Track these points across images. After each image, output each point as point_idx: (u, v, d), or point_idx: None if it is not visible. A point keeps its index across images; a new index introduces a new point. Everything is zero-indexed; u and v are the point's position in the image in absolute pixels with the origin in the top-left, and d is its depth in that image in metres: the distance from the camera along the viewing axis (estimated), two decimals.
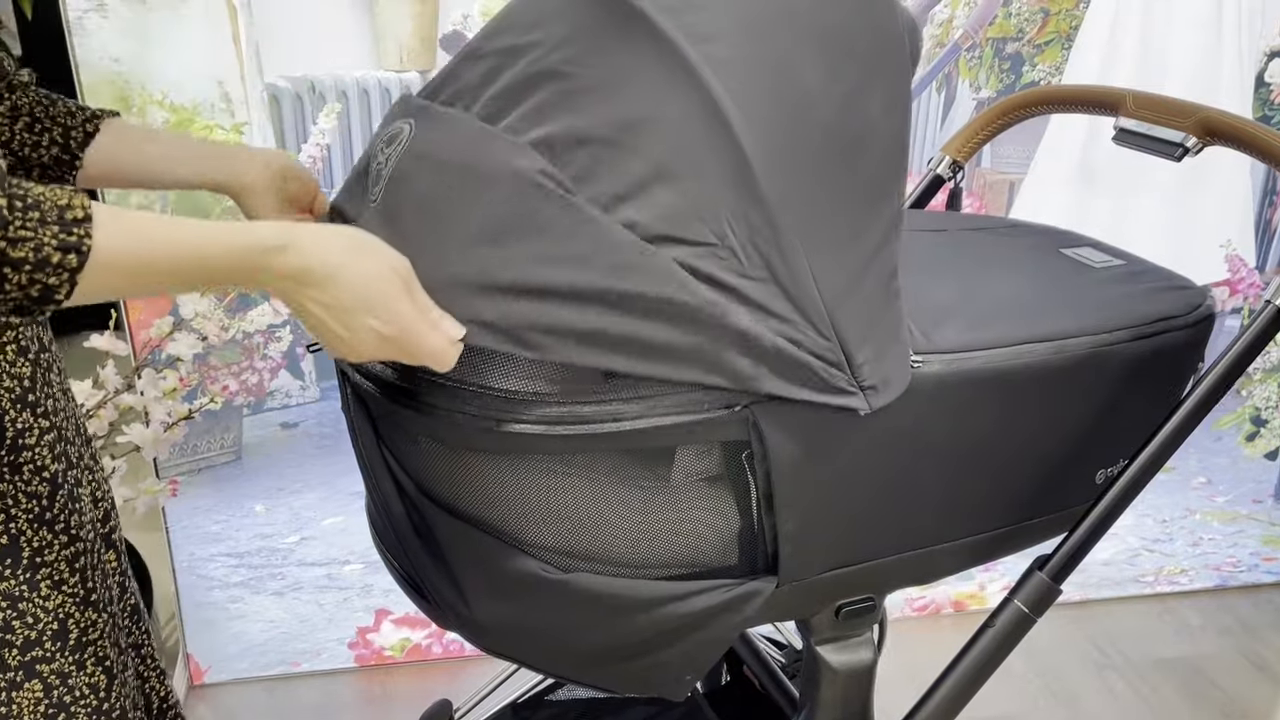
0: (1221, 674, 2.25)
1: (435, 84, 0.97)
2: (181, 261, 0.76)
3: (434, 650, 2.24)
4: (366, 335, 0.80)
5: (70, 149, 1.03)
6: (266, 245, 0.78)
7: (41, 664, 0.90)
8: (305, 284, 0.79)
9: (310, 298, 0.79)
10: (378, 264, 0.80)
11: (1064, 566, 1.08)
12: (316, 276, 0.78)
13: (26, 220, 0.70)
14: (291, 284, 0.79)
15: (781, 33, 0.86)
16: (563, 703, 1.42)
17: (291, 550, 2.12)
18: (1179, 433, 1.08)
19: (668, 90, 0.84)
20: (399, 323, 0.80)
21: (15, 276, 0.70)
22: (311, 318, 0.81)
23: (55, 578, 0.90)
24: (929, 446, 1.00)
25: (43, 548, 0.90)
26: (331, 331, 0.81)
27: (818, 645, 1.09)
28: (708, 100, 0.83)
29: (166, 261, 0.76)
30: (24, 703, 0.89)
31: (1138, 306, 1.12)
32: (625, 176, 0.83)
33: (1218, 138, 1.16)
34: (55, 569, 0.91)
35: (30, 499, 0.89)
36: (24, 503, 0.88)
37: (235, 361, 1.95)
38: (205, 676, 2.18)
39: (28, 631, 0.89)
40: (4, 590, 0.87)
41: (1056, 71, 2.04)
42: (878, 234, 0.91)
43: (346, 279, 0.79)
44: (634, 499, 0.93)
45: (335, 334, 0.81)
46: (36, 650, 0.89)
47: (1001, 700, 2.11)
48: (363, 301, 0.79)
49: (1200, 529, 2.44)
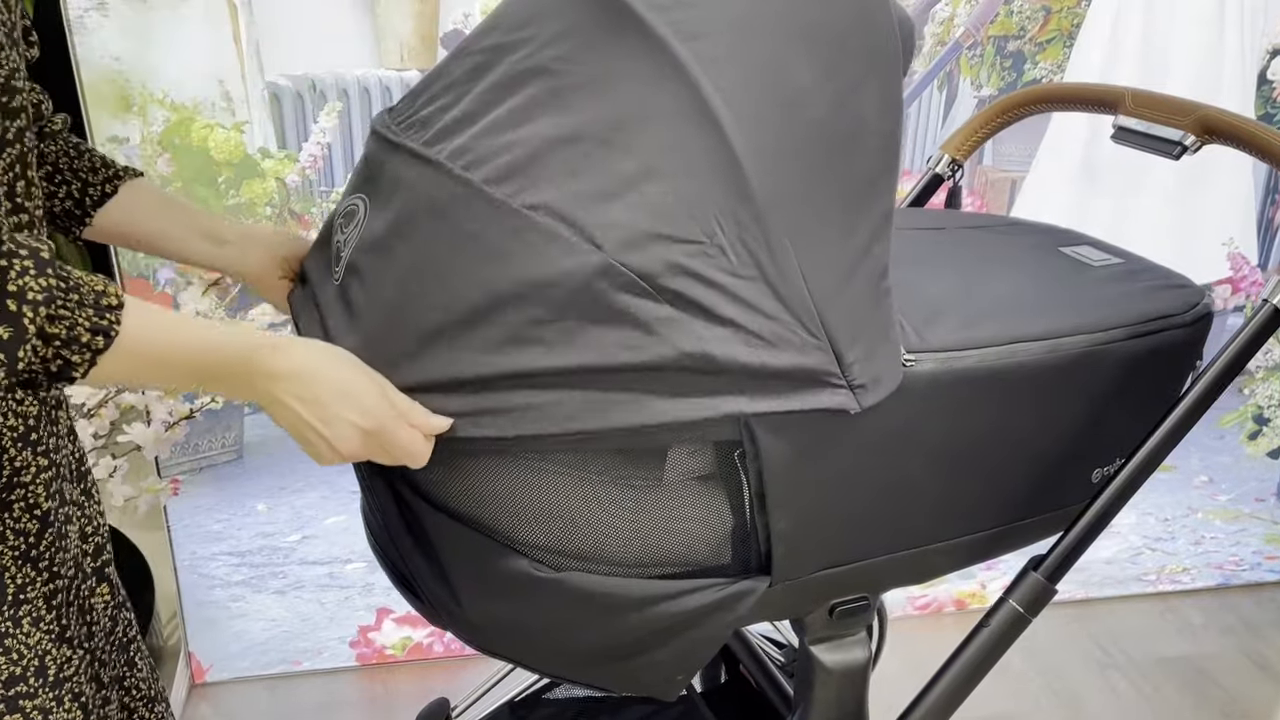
0: (1224, 673, 2.24)
1: (420, 87, 0.97)
2: (191, 355, 0.82)
3: (435, 649, 2.25)
4: (345, 429, 0.84)
5: (84, 205, 1.06)
6: (263, 344, 0.84)
7: (25, 699, 0.90)
8: (290, 379, 0.84)
9: (293, 394, 0.84)
10: (355, 368, 0.86)
11: (1059, 566, 1.08)
12: (301, 373, 0.84)
13: (67, 301, 0.74)
14: (279, 382, 0.84)
15: (772, 30, 0.86)
16: (560, 701, 1.42)
17: (293, 549, 2.13)
18: (1176, 432, 1.08)
19: (657, 88, 0.84)
20: (375, 417, 0.84)
21: (44, 350, 0.75)
22: (292, 414, 0.85)
23: (34, 615, 0.91)
24: (922, 445, 1.00)
25: (25, 584, 0.91)
26: (312, 429, 0.85)
27: (812, 644, 1.09)
28: (697, 98, 0.83)
29: (179, 353, 0.81)
30: None
31: (1135, 305, 1.11)
32: (614, 175, 0.83)
33: (1216, 136, 1.15)
34: (35, 606, 0.91)
35: (18, 536, 0.90)
36: (11, 539, 0.89)
37: None
38: (207, 675, 2.18)
39: (12, 668, 0.89)
40: None
41: (1058, 69, 2.03)
42: (868, 233, 0.90)
43: (326, 374, 0.84)
44: (626, 498, 0.93)
45: (316, 431, 0.85)
46: (21, 686, 0.90)
47: (1003, 699, 2.11)
48: (341, 395, 0.84)
49: (1202, 528, 2.44)
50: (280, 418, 0.86)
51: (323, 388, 0.84)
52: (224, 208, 1.84)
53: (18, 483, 0.89)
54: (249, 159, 1.83)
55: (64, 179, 1.05)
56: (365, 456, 0.87)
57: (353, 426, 0.84)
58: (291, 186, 1.85)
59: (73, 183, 1.05)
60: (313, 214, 1.88)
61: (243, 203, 1.84)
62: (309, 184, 1.86)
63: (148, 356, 0.80)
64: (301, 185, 1.86)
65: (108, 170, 1.06)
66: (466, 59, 0.93)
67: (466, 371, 0.85)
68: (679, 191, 0.83)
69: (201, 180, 1.82)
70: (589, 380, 0.84)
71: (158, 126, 1.77)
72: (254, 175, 1.83)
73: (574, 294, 0.83)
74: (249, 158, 1.82)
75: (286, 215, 1.87)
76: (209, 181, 1.82)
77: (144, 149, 1.78)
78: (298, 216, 1.87)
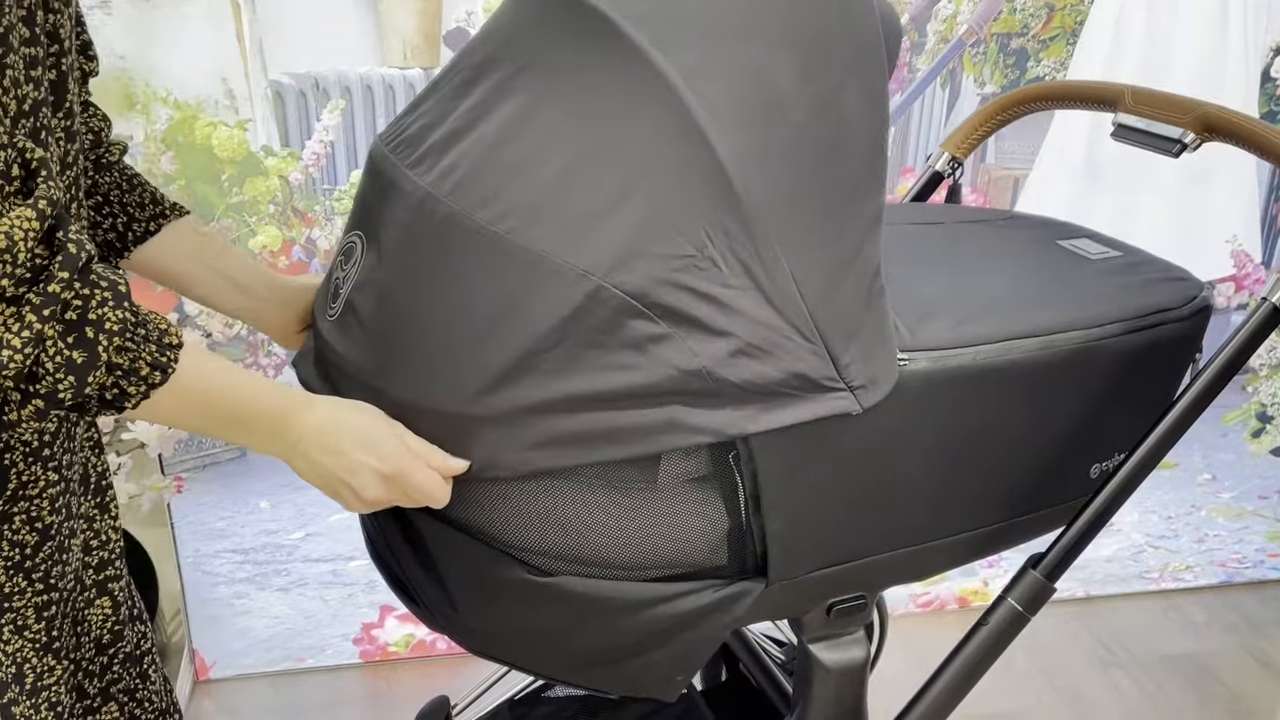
0: (1227, 671, 2.24)
1: (415, 102, 0.97)
2: (234, 401, 0.86)
3: (439, 646, 2.25)
4: (367, 475, 0.87)
5: (125, 240, 1.08)
6: (299, 401, 0.89)
7: (14, 706, 0.91)
8: (315, 433, 0.87)
9: (318, 446, 0.87)
10: (372, 416, 0.89)
11: (1058, 564, 1.07)
12: (323, 426, 0.88)
13: (135, 334, 0.79)
14: (307, 436, 0.87)
15: (752, 37, 0.85)
16: (560, 699, 1.42)
17: (296, 546, 2.13)
18: (1175, 428, 1.07)
19: (639, 101, 0.83)
20: (394, 462, 0.87)
21: (105, 379, 0.78)
22: (318, 467, 0.88)
23: (19, 623, 0.92)
24: (918, 444, 1.00)
25: (13, 594, 0.91)
26: (337, 479, 0.88)
27: (810, 643, 1.09)
28: (680, 110, 0.82)
29: (223, 397, 0.85)
30: None
31: (1132, 298, 1.11)
32: (600, 192, 0.83)
33: (1216, 134, 1.15)
34: (21, 614, 0.92)
35: (14, 547, 0.91)
36: (5, 550, 0.90)
37: (240, 358, 1.96)
38: (211, 672, 2.19)
39: None
40: None
41: (1061, 67, 2.03)
42: (858, 233, 0.90)
43: (347, 425, 0.88)
44: (621, 500, 0.93)
45: (340, 480, 0.88)
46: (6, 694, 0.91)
47: (1005, 697, 2.11)
48: (361, 444, 0.87)
49: (1206, 525, 2.44)
50: (307, 471, 0.89)
51: (344, 438, 0.87)
52: (227, 205, 1.84)
53: (23, 495, 0.90)
54: (252, 157, 1.83)
55: (111, 211, 1.07)
56: (390, 502, 0.90)
57: (373, 472, 0.87)
58: (294, 184, 1.86)
59: (119, 216, 1.07)
60: (315, 211, 1.88)
61: (245, 200, 1.85)
62: (312, 182, 1.87)
63: (194, 398, 0.83)
64: (305, 183, 1.86)
65: (155, 208, 1.08)
66: (456, 75, 0.93)
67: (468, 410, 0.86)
68: (666, 206, 0.83)
69: (204, 178, 1.82)
70: (592, 405, 0.85)
71: (161, 124, 1.78)
72: (257, 173, 1.84)
73: (566, 322, 0.83)
74: (252, 155, 1.83)
75: (289, 213, 1.87)
76: (212, 179, 1.83)
77: (147, 147, 1.79)
78: (301, 214, 1.88)
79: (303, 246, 1.90)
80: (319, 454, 0.88)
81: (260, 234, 1.87)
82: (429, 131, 0.91)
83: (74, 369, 0.75)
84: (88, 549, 1.02)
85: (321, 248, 1.90)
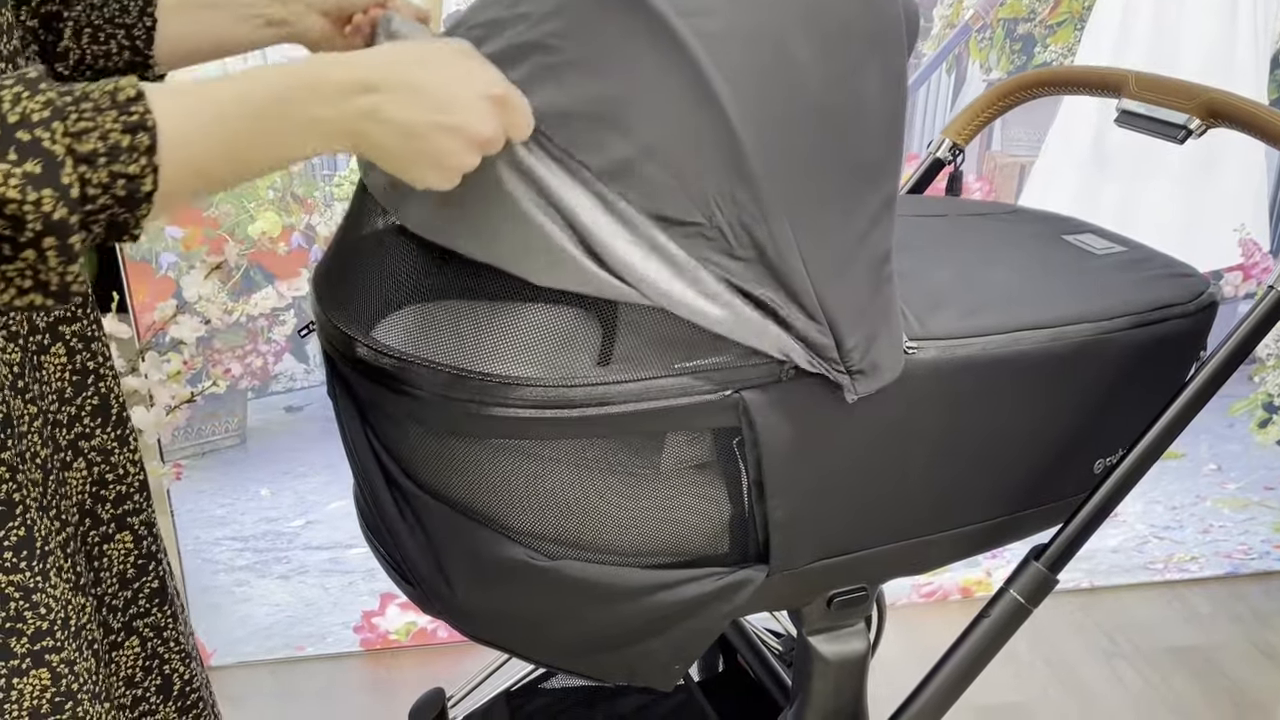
0: (1232, 662, 2.23)
1: None
2: (250, 101, 0.70)
3: (439, 634, 2.25)
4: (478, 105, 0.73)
5: (139, 49, 1.01)
6: (329, 60, 0.73)
7: (51, 653, 0.89)
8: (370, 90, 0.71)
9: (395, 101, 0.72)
10: (439, 46, 0.75)
11: (1061, 556, 1.07)
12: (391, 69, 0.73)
13: (81, 111, 0.65)
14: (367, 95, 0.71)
15: (773, 7, 0.84)
16: (557, 691, 1.42)
17: (297, 534, 2.13)
18: (1179, 420, 1.07)
19: (656, 65, 0.82)
20: (500, 84, 0.75)
21: (94, 175, 0.65)
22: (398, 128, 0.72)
23: (58, 565, 0.90)
24: (923, 435, 0.99)
25: (48, 536, 0.89)
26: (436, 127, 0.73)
27: (809, 635, 1.08)
28: (697, 75, 0.81)
29: (235, 106, 0.69)
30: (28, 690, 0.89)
31: (1138, 293, 1.10)
32: (612, 154, 0.82)
33: (1222, 120, 1.14)
34: (56, 557, 0.90)
35: (34, 486, 0.88)
36: (31, 491, 0.87)
37: (239, 345, 1.95)
38: (211, 660, 2.19)
39: (39, 622, 0.88)
40: (18, 582, 0.87)
41: (1069, 53, 2.01)
42: (869, 217, 0.89)
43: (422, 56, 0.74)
44: (623, 486, 0.92)
45: (440, 126, 0.73)
46: (48, 640, 0.88)
47: (1009, 688, 2.10)
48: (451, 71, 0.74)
49: (1211, 516, 2.42)
50: (383, 139, 0.72)
51: (428, 73, 0.72)
52: (225, 191, 1.83)
53: (19, 432, 0.86)
54: None
55: (107, 34, 1.00)
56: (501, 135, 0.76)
57: (483, 99, 0.73)
58: (294, 170, 1.84)
59: (116, 33, 1.01)
60: (315, 197, 1.87)
61: (244, 186, 1.84)
62: (311, 167, 1.85)
63: (208, 132, 0.69)
64: (304, 169, 1.85)
65: (136, 5, 1.01)
66: (467, 33, 0.92)
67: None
68: (677, 172, 0.82)
69: None
70: None
71: None
72: None
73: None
74: None
75: (289, 199, 1.86)
76: None
77: None
78: (300, 200, 1.87)
79: (302, 233, 1.89)
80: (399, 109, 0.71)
81: (259, 220, 1.86)
82: None
83: (37, 180, 0.63)
84: (103, 482, 1.00)
85: (321, 234, 1.89)
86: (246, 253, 1.88)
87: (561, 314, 0.92)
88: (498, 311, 0.91)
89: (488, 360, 0.86)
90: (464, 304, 0.95)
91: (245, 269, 1.89)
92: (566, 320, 0.93)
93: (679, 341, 0.86)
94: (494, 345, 0.87)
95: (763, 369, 0.88)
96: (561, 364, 0.89)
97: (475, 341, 0.87)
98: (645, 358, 0.86)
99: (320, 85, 0.71)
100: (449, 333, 0.90)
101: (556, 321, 0.91)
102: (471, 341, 0.87)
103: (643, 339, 0.87)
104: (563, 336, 0.91)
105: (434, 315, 0.94)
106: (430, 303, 0.96)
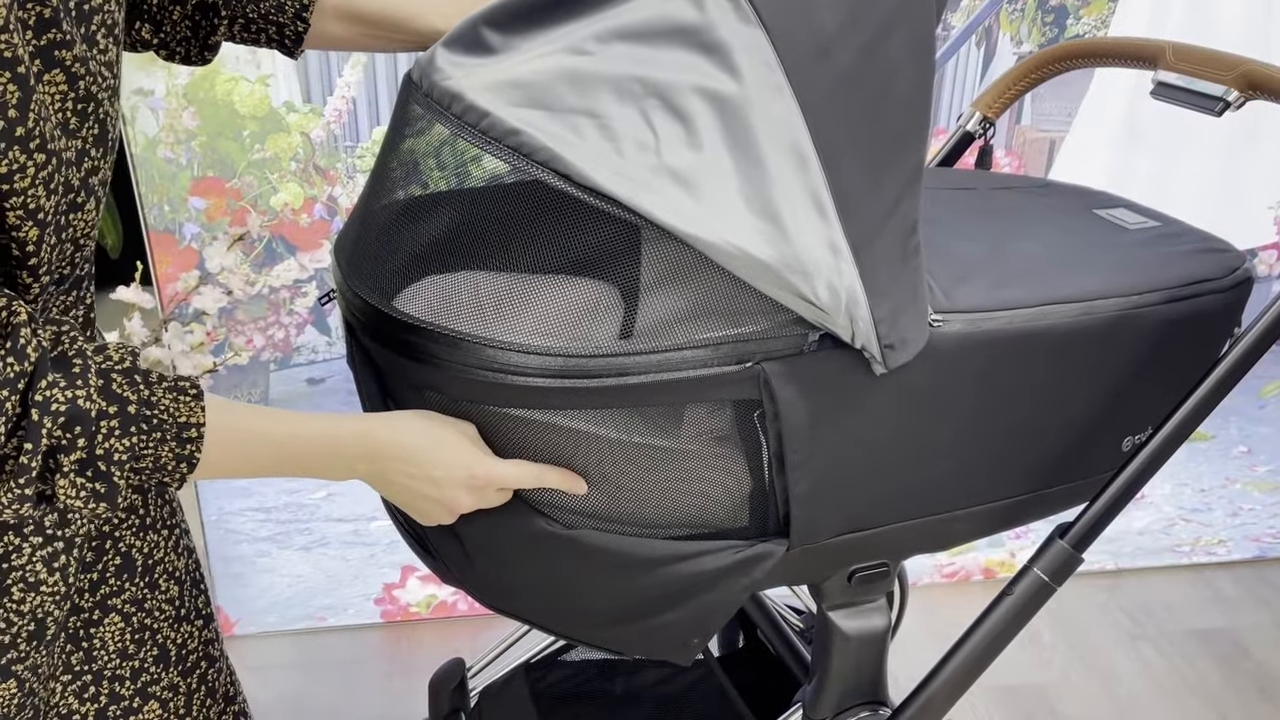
0: (1257, 645, 2.21)
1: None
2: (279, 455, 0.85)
3: (460, 607, 2.25)
4: (454, 491, 0.88)
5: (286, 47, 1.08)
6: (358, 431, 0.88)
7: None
8: (390, 459, 0.88)
9: (396, 470, 0.88)
10: (448, 428, 0.88)
11: (1086, 535, 1.05)
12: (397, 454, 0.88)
13: (149, 442, 0.78)
14: (379, 463, 0.88)
15: None
16: (575, 664, 1.42)
17: (318, 506, 2.13)
18: (1211, 398, 1.05)
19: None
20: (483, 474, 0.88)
21: (137, 481, 0.79)
22: (395, 488, 0.89)
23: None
24: (947, 409, 0.97)
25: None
26: (424, 498, 0.89)
27: (829, 611, 1.07)
28: None
29: (266, 450, 0.85)
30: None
31: (1171, 268, 1.08)
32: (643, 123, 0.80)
33: (1261, 91, 1.11)
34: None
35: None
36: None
37: (261, 316, 1.95)
38: (234, 629, 2.20)
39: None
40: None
41: (1102, 25, 1.98)
42: (897, 187, 0.87)
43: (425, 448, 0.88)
44: (643, 457, 0.91)
45: (428, 498, 0.89)
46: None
47: (1032, 669, 2.08)
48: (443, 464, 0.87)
49: (1240, 499, 2.39)
50: (387, 489, 0.90)
51: (425, 459, 0.87)
52: (248, 162, 1.83)
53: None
54: (274, 113, 1.81)
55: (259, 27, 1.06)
56: (477, 505, 0.90)
57: (463, 487, 0.88)
58: (316, 141, 1.84)
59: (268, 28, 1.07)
60: (337, 169, 1.86)
61: (267, 157, 1.83)
62: (334, 139, 1.85)
63: (237, 463, 0.84)
64: (326, 140, 1.84)
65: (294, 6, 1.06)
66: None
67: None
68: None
69: (226, 134, 1.81)
70: None
71: (182, 79, 1.76)
72: (279, 129, 1.82)
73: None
74: (274, 111, 1.81)
75: (311, 170, 1.85)
76: (233, 135, 1.81)
77: (169, 102, 1.77)
78: (323, 172, 1.86)
79: (324, 204, 1.88)
80: (397, 476, 0.88)
81: (282, 191, 1.86)
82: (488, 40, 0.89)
83: (99, 497, 0.76)
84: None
85: (343, 205, 1.88)
86: (269, 224, 1.88)
87: (583, 286, 0.91)
88: (518, 282, 0.90)
89: (508, 330, 0.86)
90: (485, 275, 0.94)
91: (268, 240, 1.89)
92: (588, 292, 0.92)
93: (700, 314, 0.85)
94: (514, 316, 0.86)
95: (785, 340, 0.87)
96: (581, 335, 0.88)
97: (496, 311, 0.86)
98: (666, 330, 0.85)
99: (338, 456, 0.87)
100: (470, 302, 0.90)
101: (578, 293, 0.90)
102: (492, 311, 0.87)
103: (664, 311, 0.86)
104: (584, 308, 0.91)
105: (455, 285, 0.93)
106: (451, 273, 0.95)
